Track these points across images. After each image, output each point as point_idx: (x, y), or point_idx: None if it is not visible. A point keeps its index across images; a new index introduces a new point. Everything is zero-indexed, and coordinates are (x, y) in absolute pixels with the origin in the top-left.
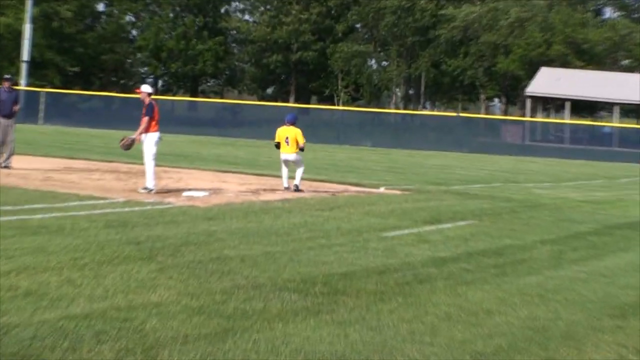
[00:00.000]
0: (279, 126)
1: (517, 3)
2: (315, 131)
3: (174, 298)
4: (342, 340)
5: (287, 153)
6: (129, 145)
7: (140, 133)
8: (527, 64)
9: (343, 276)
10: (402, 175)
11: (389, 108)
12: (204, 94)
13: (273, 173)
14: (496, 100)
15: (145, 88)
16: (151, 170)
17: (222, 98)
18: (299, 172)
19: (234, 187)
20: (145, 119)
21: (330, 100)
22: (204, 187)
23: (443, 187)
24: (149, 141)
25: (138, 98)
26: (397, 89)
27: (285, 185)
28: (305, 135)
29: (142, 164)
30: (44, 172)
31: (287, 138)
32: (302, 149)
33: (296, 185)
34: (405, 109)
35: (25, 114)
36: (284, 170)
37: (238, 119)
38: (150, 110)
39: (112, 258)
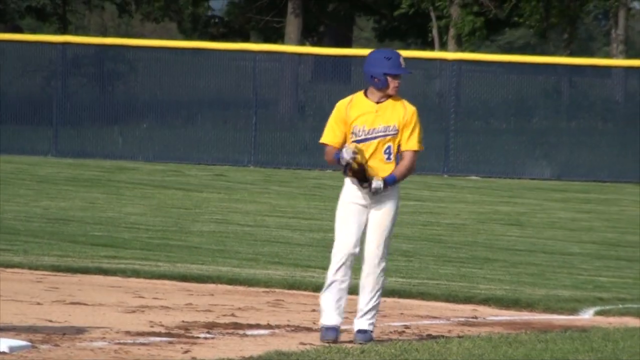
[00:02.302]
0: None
1: None
2: None
3: None
4: None
5: (372, 185)
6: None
7: None
8: None
9: None
10: None
11: (613, 57)
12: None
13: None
14: None
15: None
16: None
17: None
18: (377, 278)
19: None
20: None
21: (419, 35)
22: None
23: None
24: None
25: None
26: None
27: (331, 322)
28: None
29: None
30: None
31: (380, 128)
32: (393, 180)
33: (364, 333)
34: None
35: None
36: (341, 265)
37: (117, 96)
38: None
39: None
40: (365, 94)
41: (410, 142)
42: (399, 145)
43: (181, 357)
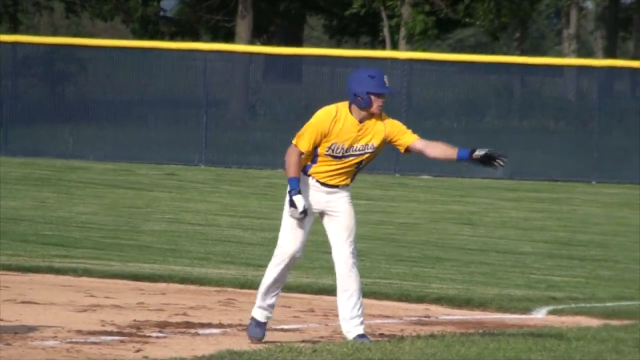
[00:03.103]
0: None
1: None
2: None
3: None
4: None
5: (333, 191)
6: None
7: None
8: None
9: None
10: (602, 264)
11: (565, 56)
12: None
13: None
14: None
15: None
16: None
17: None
18: (357, 279)
19: None
20: None
21: (371, 34)
22: None
23: None
24: None
25: None
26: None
27: (262, 319)
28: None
29: None
30: None
31: (358, 147)
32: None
33: (364, 337)
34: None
35: None
36: (279, 270)
37: (67, 96)
38: None
39: None
40: (349, 109)
41: (410, 136)
42: (394, 145)
43: (133, 356)
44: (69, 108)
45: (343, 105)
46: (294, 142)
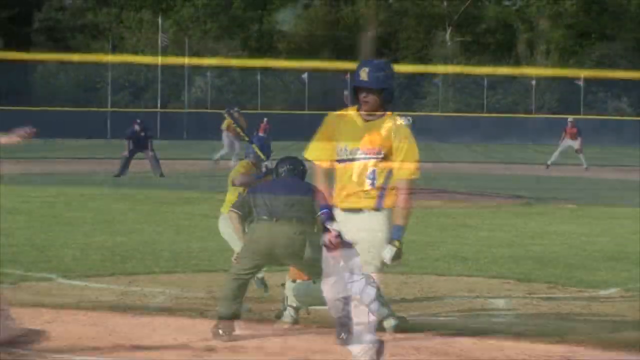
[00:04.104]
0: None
1: None
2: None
3: None
4: None
5: (353, 217)
6: None
7: None
8: None
9: None
10: None
11: None
12: None
13: None
14: None
15: None
16: None
17: None
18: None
19: None
20: None
21: (505, 49)
22: None
23: None
24: None
25: None
26: None
27: None
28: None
29: None
30: None
31: (364, 150)
32: (401, 232)
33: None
34: None
35: None
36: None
37: None
38: None
39: None
40: (358, 110)
41: (403, 170)
42: (389, 172)
43: None
44: None
45: (352, 107)
46: (306, 155)
